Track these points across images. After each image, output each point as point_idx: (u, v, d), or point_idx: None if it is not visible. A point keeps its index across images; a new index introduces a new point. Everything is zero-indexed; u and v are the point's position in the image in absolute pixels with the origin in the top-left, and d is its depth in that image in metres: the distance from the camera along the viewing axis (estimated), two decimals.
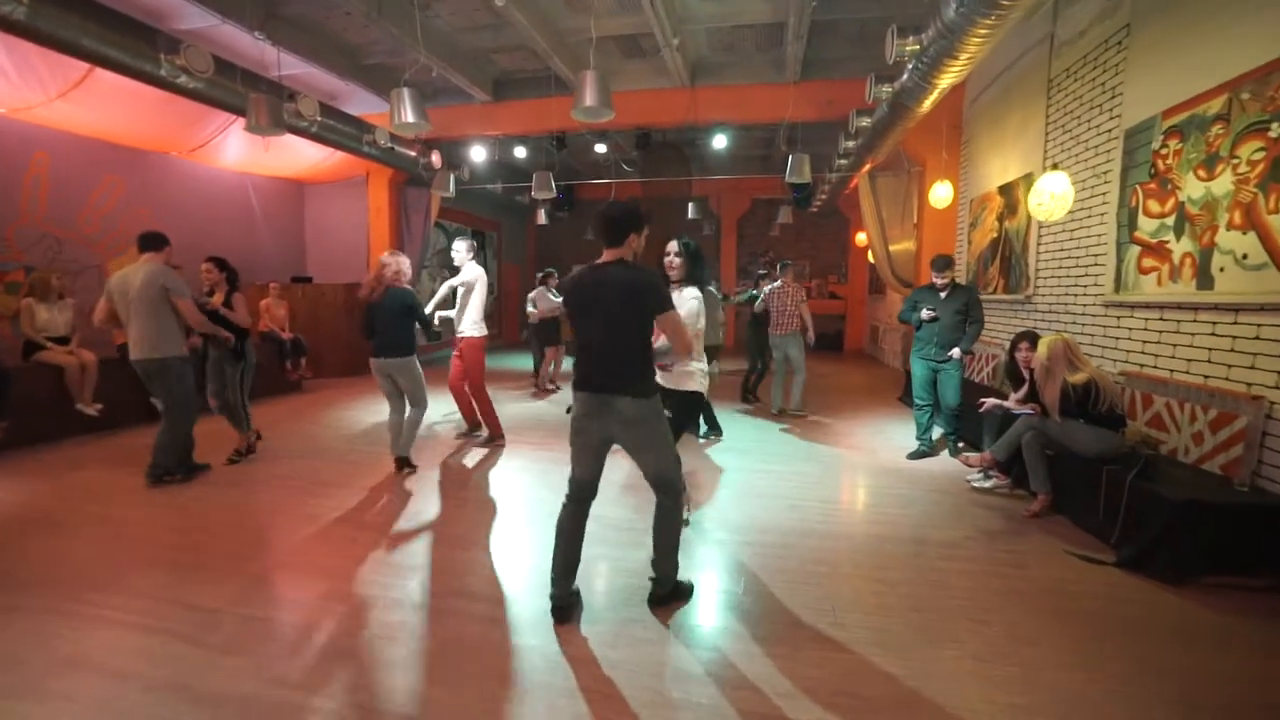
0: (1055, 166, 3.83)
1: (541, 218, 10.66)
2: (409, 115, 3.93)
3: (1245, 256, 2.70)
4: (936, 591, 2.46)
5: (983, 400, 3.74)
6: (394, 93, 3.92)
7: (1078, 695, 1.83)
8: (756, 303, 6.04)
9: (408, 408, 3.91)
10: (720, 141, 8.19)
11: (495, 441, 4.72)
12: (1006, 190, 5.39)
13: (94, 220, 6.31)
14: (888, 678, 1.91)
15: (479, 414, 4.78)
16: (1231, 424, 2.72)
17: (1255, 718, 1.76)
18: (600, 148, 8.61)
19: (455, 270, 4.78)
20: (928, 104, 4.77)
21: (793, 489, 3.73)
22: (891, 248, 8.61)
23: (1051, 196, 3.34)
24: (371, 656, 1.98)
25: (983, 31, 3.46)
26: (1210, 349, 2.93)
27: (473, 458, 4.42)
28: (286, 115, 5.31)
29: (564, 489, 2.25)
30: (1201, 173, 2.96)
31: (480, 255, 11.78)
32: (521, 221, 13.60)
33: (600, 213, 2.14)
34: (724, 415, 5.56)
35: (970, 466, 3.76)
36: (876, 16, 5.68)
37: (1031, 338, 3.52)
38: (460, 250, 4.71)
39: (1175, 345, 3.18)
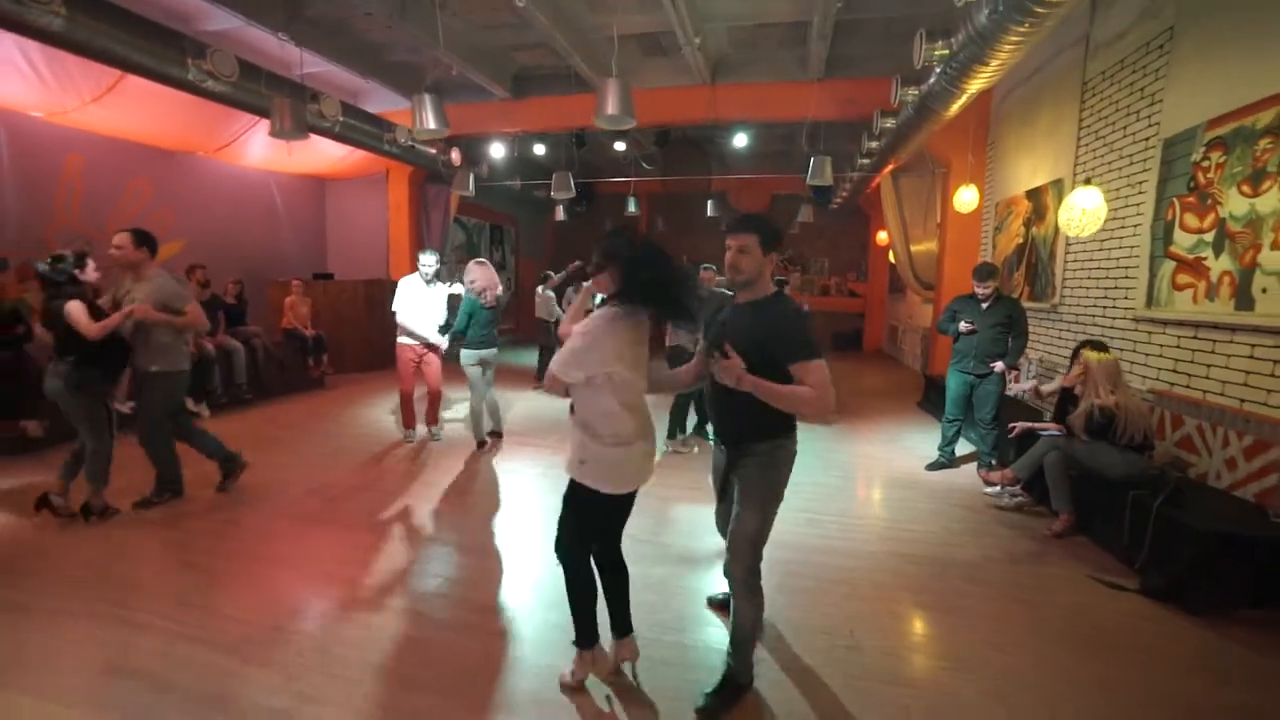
0: (1088, 179, 3.70)
1: (560, 214, 10.65)
2: (430, 121, 3.95)
3: None
4: (959, 616, 2.44)
5: (1013, 425, 3.65)
6: (415, 98, 3.95)
7: (1054, 694, 1.81)
8: None
9: (488, 391, 4.65)
10: (741, 140, 8.11)
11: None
12: (1034, 195, 5.27)
13: (124, 221, 6.44)
14: (911, 706, 1.91)
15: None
16: (1268, 452, 2.65)
17: None
18: (620, 145, 8.57)
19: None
20: (955, 108, 4.66)
21: (811, 501, 3.71)
22: (913, 248, 8.48)
23: (1083, 213, 3.26)
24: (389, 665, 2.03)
25: (1016, 38, 3.36)
26: (1248, 372, 2.85)
27: (463, 460, 4.47)
28: (309, 116, 5.37)
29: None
30: (1246, 188, 2.86)
31: (499, 250, 11.85)
32: (539, 217, 13.62)
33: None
34: None
35: (991, 484, 3.71)
36: (902, 15, 5.55)
37: (1095, 344, 3.32)
38: (430, 265, 4.86)
39: (1209, 366, 3.10)
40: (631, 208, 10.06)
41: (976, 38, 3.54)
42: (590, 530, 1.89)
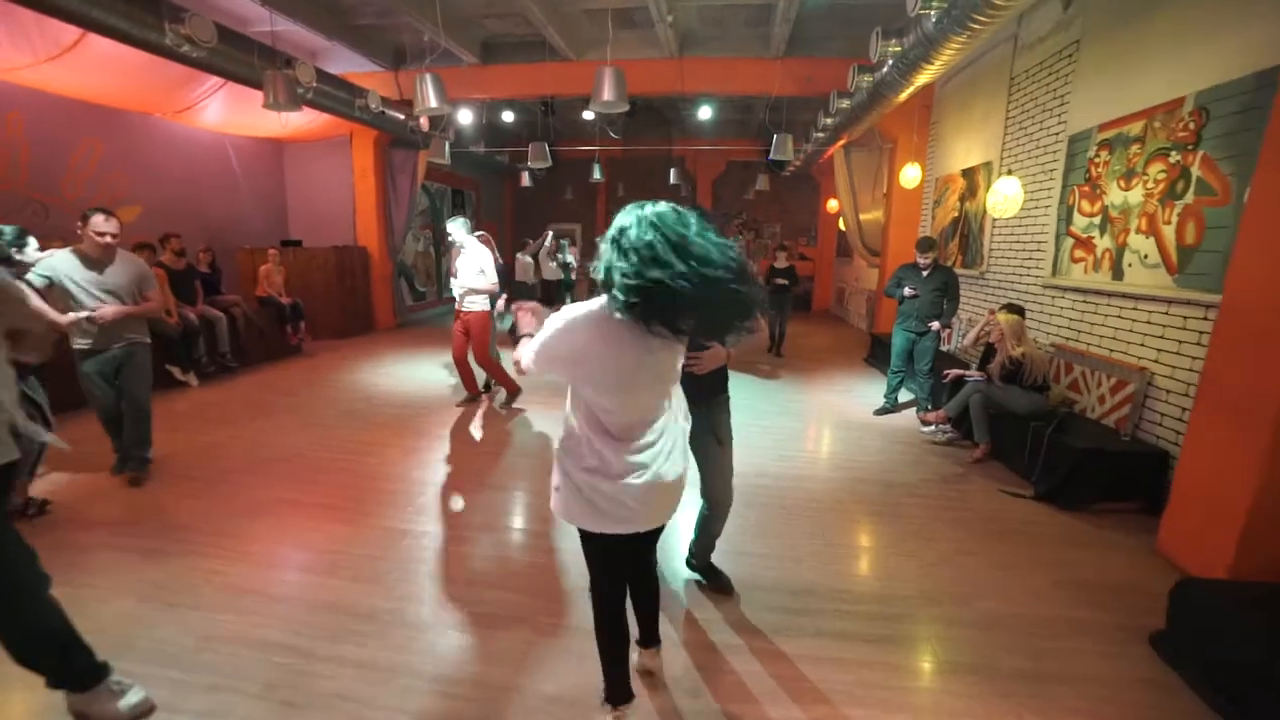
0: (1010, 170, 4.40)
1: (525, 179, 10.77)
2: (432, 100, 4.17)
3: (1146, 256, 3.38)
4: (901, 521, 3.16)
5: (946, 372, 4.41)
6: (417, 77, 4.15)
7: (998, 585, 2.54)
8: None
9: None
10: (706, 112, 8.48)
11: (513, 399, 5.11)
12: (969, 174, 5.99)
13: (77, 184, 6.25)
14: (867, 579, 2.59)
15: (495, 379, 5.14)
16: (1125, 389, 3.47)
17: (1078, 582, 2.50)
18: (588, 114, 8.76)
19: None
20: (904, 96, 5.24)
21: (780, 441, 4.38)
22: (862, 217, 9.21)
23: (1005, 198, 3.95)
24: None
25: (956, 44, 3.93)
26: (1116, 329, 3.66)
27: (496, 419, 4.90)
28: None
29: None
30: (1122, 183, 3.60)
31: (461, 213, 11.86)
32: (500, 180, 13.59)
33: None
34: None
35: (927, 423, 4.49)
36: (859, 2, 6.04)
37: (1011, 307, 4.01)
38: (458, 228, 4.69)
39: (1093, 324, 3.91)
40: (596, 174, 10.30)
41: (924, 40, 4.10)
42: (595, 570, 1.63)
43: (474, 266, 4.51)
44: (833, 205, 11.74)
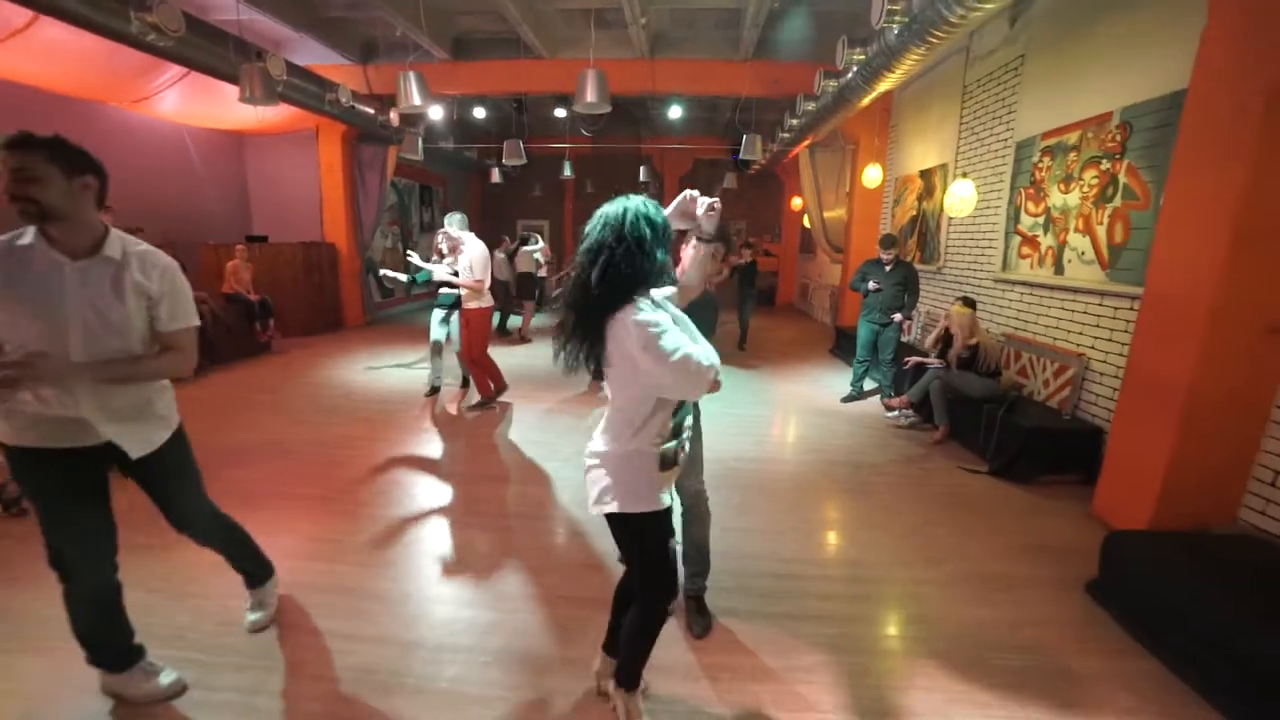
0: (964, 173, 4.75)
1: (495, 176, 10.76)
2: (415, 98, 4.22)
3: (1083, 253, 3.75)
4: (872, 497, 3.43)
5: (907, 360, 4.74)
6: (400, 75, 4.20)
7: (960, 549, 2.83)
8: None
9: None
10: (675, 112, 8.67)
11: (485, 404, 4.99)
12: (926, 175, 6.37)
13: None
14: (840, 550, 2.85)
15: (473, 379, 4.99)
16: (1065, 373, 3.85)
17: (1028, 545, 2.82)
18: (560, 111, 8.84)
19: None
20: (866, 100, 5.55)
21: (754, 428, 4.63)
22: (826, 214, 9.59)
23: (961, 199, 4.28)
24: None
25: (915, 55, 4.23)
26: (1058, 319, 4.04)
27: (484, 415, 4.99)
28: None
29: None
30: (1061, 187, 3.97)
31: (428, 210, 11.75)
32: (467, 176, 13.49)
33: None
34: None
35: (892, 408, 4.81)
36: (825, 10, 6.33)
37: (965, 300, 4.36)
38: (454, 224, 4.70)
39: (1038, 315, 4.28)
40: (567, 171, 10.39)
41: (886, 50, 4.38)
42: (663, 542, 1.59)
43: (464, 262, 4.49)
44: (797, 203, 12.12)
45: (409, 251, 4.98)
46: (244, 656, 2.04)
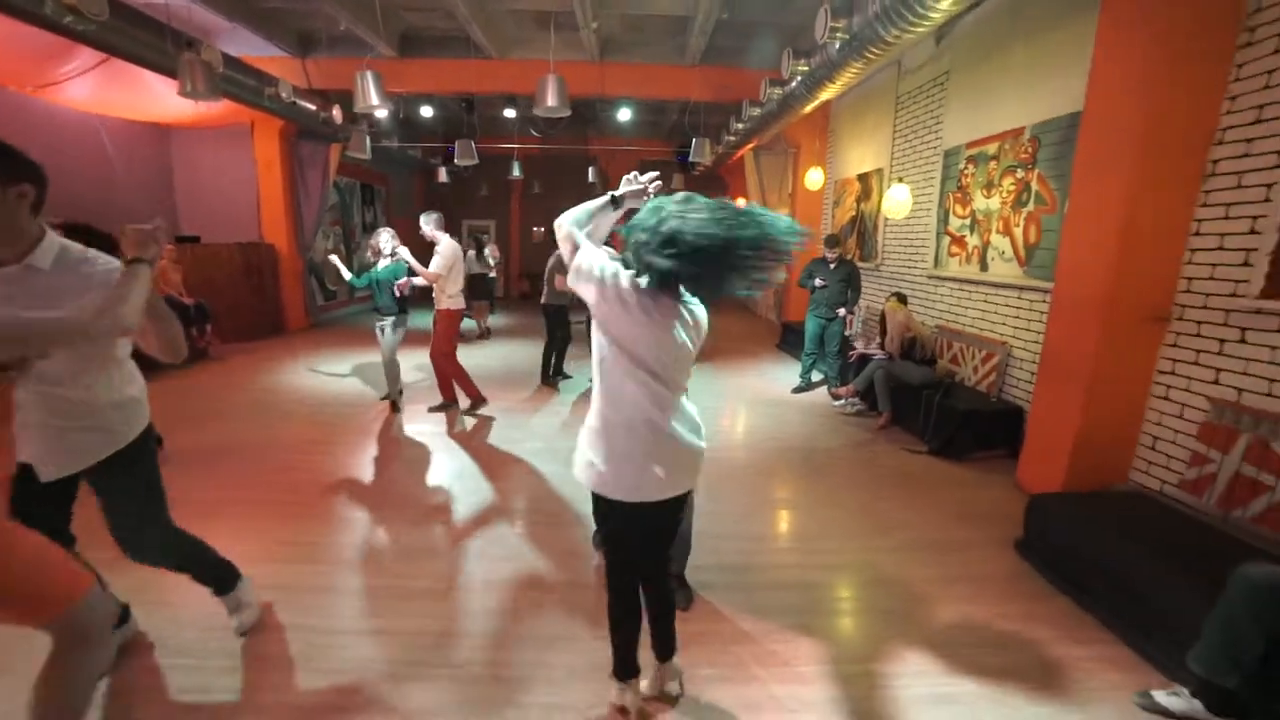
0: (900, 178, 5.15)
1: (443, 175, 10.58)
2: (373, 98, 4.18)
3: (1004, 252, 4.19)
4: (826, 478, 3.71)
5: (852, 351, 5.09)
6: (357, 74, 4.14)
7: (907, 520, 3.13)
8: None
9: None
10: (625, 114, 8.82)
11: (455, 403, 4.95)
12: (863, 179, 6.81)
13: None
14: (801, 526, 3.09)
15: (438, 381, 4.90)
16: (992, 360, 4.28)
17: (964, 513, 3.17)
18: (510, 112, 8.82)
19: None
20: (809, 108, 5.89)
21: (711, 419, 4.86)
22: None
23: (898, 203, 4.66)
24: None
25: (854, 68, 4.56)
26: (984, 311, 4.47)
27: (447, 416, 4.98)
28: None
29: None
30: (984, 192, 4.40)
31: (370, 210, 11.41)
32: (410, 176, 13.16)
33: None
34: None
35: (839, 397, 5.16)
36: (769, 21, 6.64)
37: (898, 296, 4.80)
38: (430, 224, 4.56)
39: (967, 308, 4.72)
40: (516, 171, 10.35)
41: (829, 63, 4.70)
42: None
43: (437, 261, 4.39)
44: (741, 204, 12.52)
45: (331, 255, 4.77)
46: (234, 659, 2.05)
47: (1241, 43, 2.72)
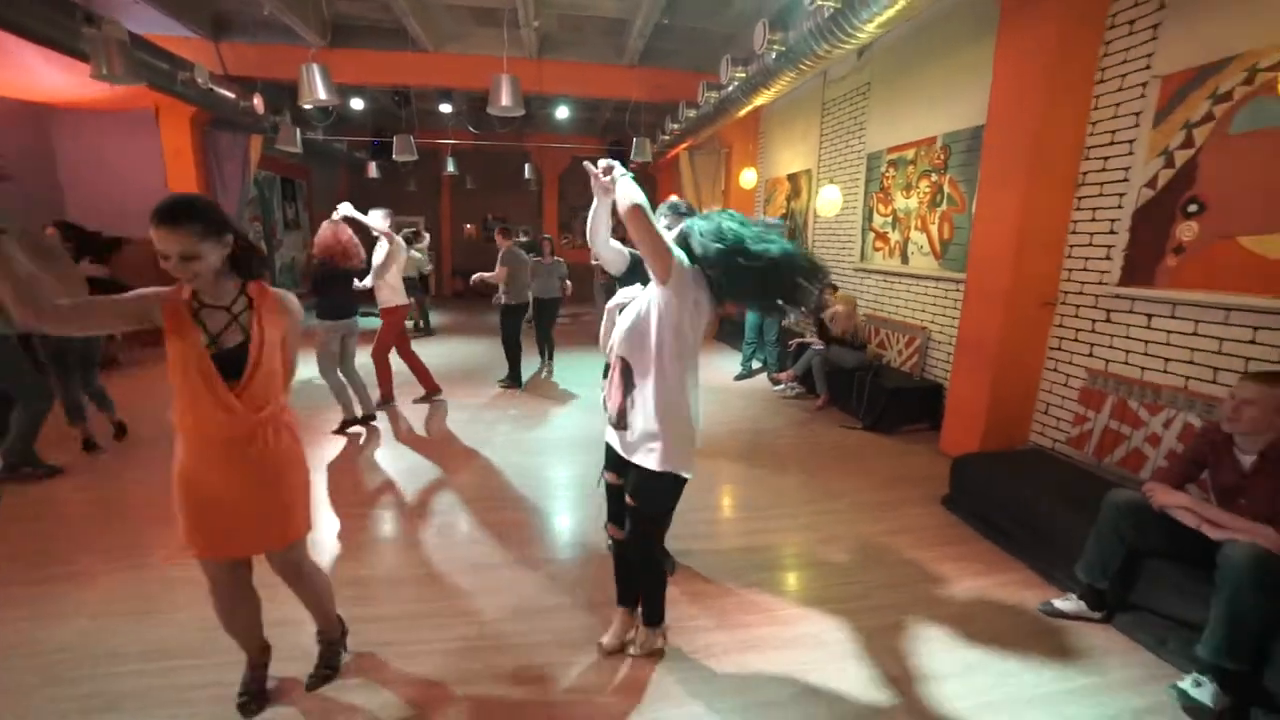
0: (831, 179, 5.62)
1: (373, 170, 10.20)
2: (320, 91, 4.09)
3: (922, 247, 4.71)
4: (773, 456, 4.06)
5: (790, 340, 5.51)
6: (303, 66, 4.03)
7: (851, 486, 3.53)
8: None
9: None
10: (563, 112, 8.90)
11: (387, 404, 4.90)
12: (793, 178, 7.29)
13: None
14: (757, 497, 3.41)
15: (379, 379, 4.87)
16: (914, 343, 4.81)
17: (897, 478, 3.61)
18: (446, 107, 8.67)
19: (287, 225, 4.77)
20: (744, 112, 6.26)
21: None
22: (704, 212, 10.42)
23: (830, 202, 5.10)
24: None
25: (788, 77, 4.93)
26: (906, 300, 5.00)
27: (407, 414, 4.93)
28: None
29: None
30: (903, 193, 4.92)
31: (292, 205, 10.81)
32: (334, 170, 12.54)
33: None
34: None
35: (779, 382, 5.56)
36: (706, 28, 6.96)
37: (833, 287, 5.24)
38: (378, 219, 4.67)
39: (891, 297, 5.25)
40: (450, 167, 10.16)
41: (765, 71, 5.05)
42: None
43: (379, 255, 4.37)
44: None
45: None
46: (234, 652, 2.06)
47: (1097, 79, 3.27)
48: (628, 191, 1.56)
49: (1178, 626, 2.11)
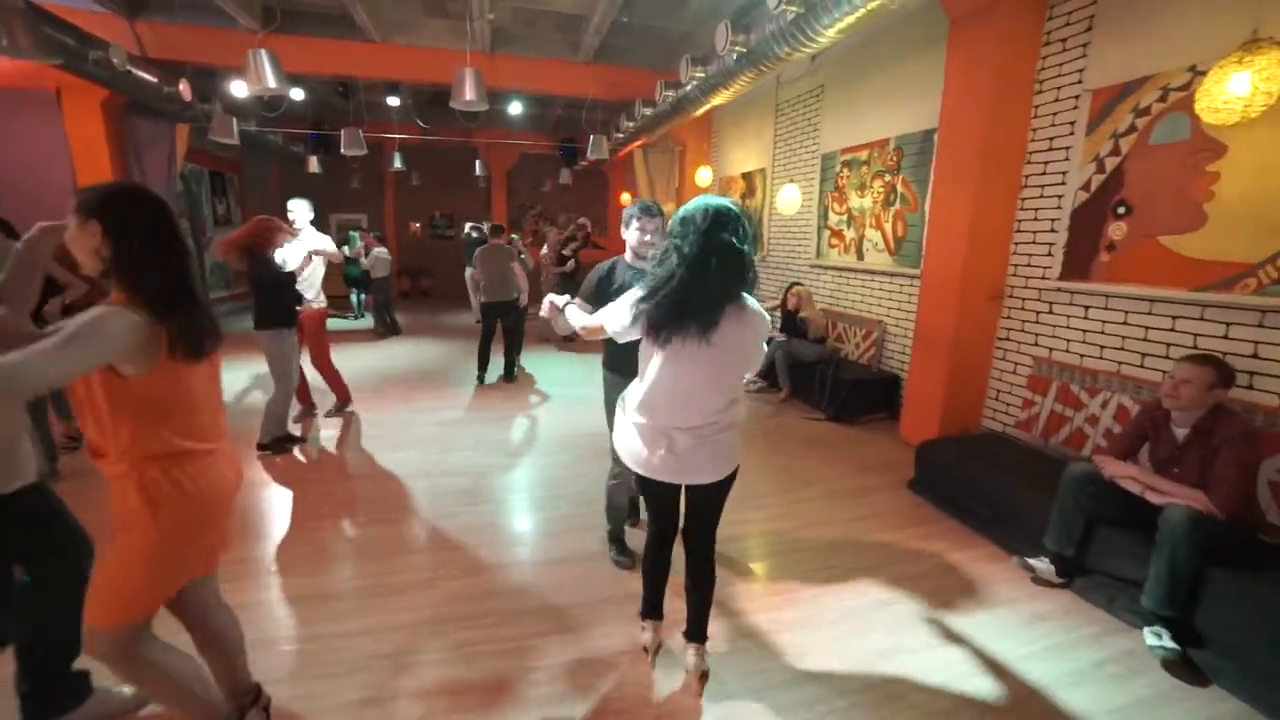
0: (791, 178, 5.81)
1: (314, 165, 9.70)
2: (269, 79, 3.86)
3: (876, 244, 4.95)
4: (744, 448, 4.15)
5: None
6: (251, 52, 3.79)
7: (822, 475, 3.67)
8: None
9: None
10: (516, 108, 8.76)
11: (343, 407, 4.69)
12: (748, 176, 7.47)
13: None
14: (736, 489, 3.48)
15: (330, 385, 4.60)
16: (871, 336, 5.05)
17: (864, 465, 3.81)
18: (393, 100, 8.35)
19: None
20: (700, 111, 6.36)
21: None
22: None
23: (790, 200, 5.26)
24: None
25: (747, 78, 5.05)
26: (863, 295, 5.24)
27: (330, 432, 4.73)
28: None
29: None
30: (858, 193, 5.15)
31: (223, 200, 10.13)
32: (267, 163, 11.83)
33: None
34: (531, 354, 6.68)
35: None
36: (665, 28, 7.01)
37: (794, 285, 5.44)
38: (301, 211, 4.30)
39: (847, 292, 5.48)
40: (398, 163, 9.80)
41: (725, 71, 5.15)
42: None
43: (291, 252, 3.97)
44: (625, 199, 12.93)
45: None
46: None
47: (1036, 90, 3.55)
48: (571, 321, 1.96)
49: (1125, 585, 2.34)
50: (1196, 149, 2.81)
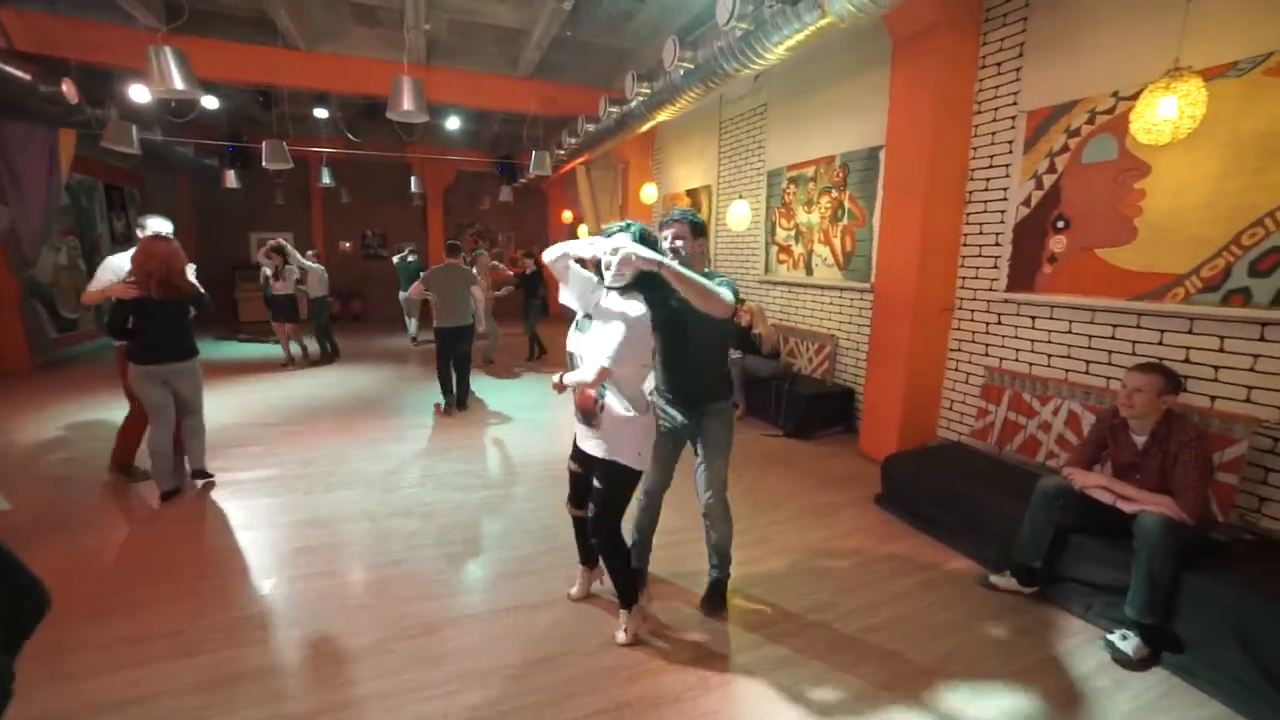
0: (740, 195, 5.83)
1: (231, 180, 8.98)
2: (176, 80, 3.46)
3: (825, 259, 5.02)
4: None
5: None
6: (151, 48, 3.38)
7: (788, 492, 3.61)
8: None
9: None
10: (454, 123, 8.46)
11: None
12: (692, 193, 7.49)
13: None
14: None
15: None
16: (824, 350, 5.09)
17: (828, 481, 3.79)
18: (321, 112, 7.86)
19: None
20: (645, 128, 6.33)
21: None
22: (602, 227, 10.42)
23: (740, 217, 5.26)
24: None
25: (693, 95, 5.04)
26: (813, 309, 5.30)
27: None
28: None
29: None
30: (805, 209, 5.22)
31: (121, 217, 9.19)
32: (174, 177, 10.86)
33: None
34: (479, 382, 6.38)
35: None
36: (606, 44, 6.96)
37: (744, 301, 5.38)
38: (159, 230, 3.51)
39: (798, 307, 5.53)
40: (326, 178, 9.24)
41: (671, 88, 5.12)
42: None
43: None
44: (567, 216, 12.77)
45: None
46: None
47: (975, 110, 3.70)
48: (579, 379, 2.02)
49: (1100, 591, 2.36)
50: (1123, 168, 2.97)
